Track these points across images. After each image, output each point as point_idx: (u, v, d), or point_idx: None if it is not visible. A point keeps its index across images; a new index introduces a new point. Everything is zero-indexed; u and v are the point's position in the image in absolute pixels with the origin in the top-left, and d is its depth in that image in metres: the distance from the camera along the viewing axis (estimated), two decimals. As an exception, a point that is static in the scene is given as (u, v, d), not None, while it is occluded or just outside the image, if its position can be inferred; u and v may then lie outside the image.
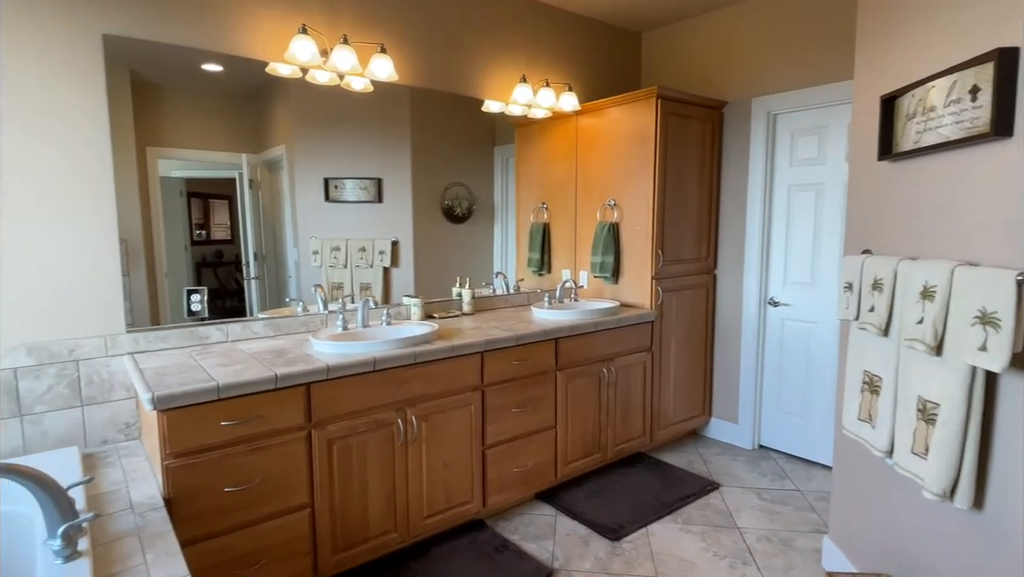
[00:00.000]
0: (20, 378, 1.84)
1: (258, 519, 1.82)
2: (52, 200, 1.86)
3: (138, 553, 1.36)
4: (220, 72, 2.17)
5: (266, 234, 2.37)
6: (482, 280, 3.06)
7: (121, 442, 2.02)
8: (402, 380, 2.11)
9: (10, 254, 1.81)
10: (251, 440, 1.79)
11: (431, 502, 2.25)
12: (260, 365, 1.89)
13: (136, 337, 2.04)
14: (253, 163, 2.29)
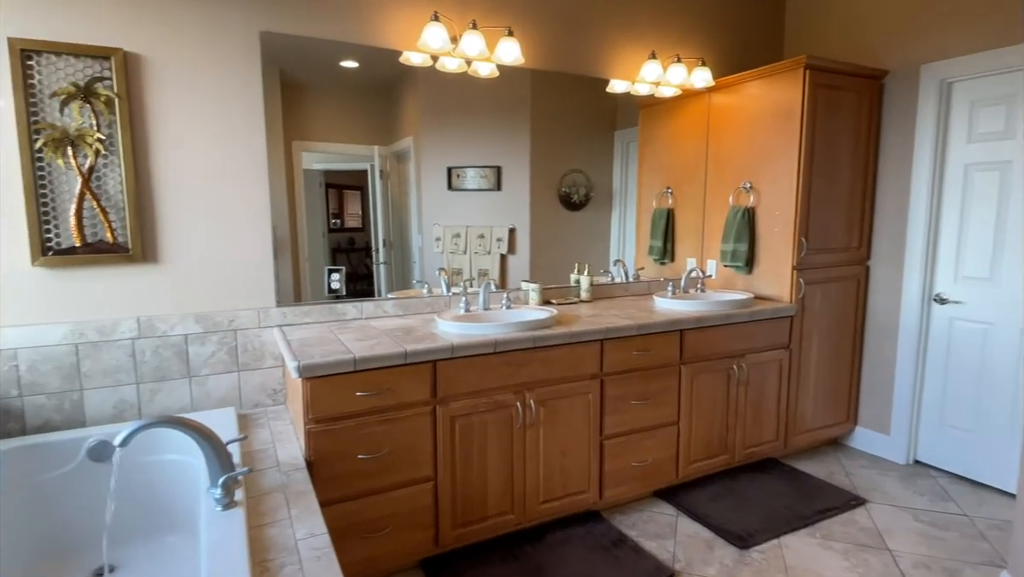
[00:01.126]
0: (189, 343, 2.07)
1: (386, 487, 1.90)
2: (216, 190, 2.07)
3: (283, 508, 1.47)
4: (356, 68, 2.29)
5: (394, 222, 2.47)
6: (599, 268, 2.97)
7: (270, 406, 2.22)
8: (521, 363, 2.10)
9: (184, 237, 2.04)
10: (382, 411, 1.87)
11: (547, 488, 2.23)
12: (391, 341, 1.98)
13: (284, 311, 2.22)
14: (383, 155, 2.40)
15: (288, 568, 1.22)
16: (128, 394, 1.99)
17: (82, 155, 1.86)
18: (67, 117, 1.83)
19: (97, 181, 1.89)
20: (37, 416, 1.88)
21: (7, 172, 1.78)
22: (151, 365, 2.02)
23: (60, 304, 1.88)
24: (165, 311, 2.03)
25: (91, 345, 1.93)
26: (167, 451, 1.92)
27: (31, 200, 1.80)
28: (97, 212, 1.89)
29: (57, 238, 1.86)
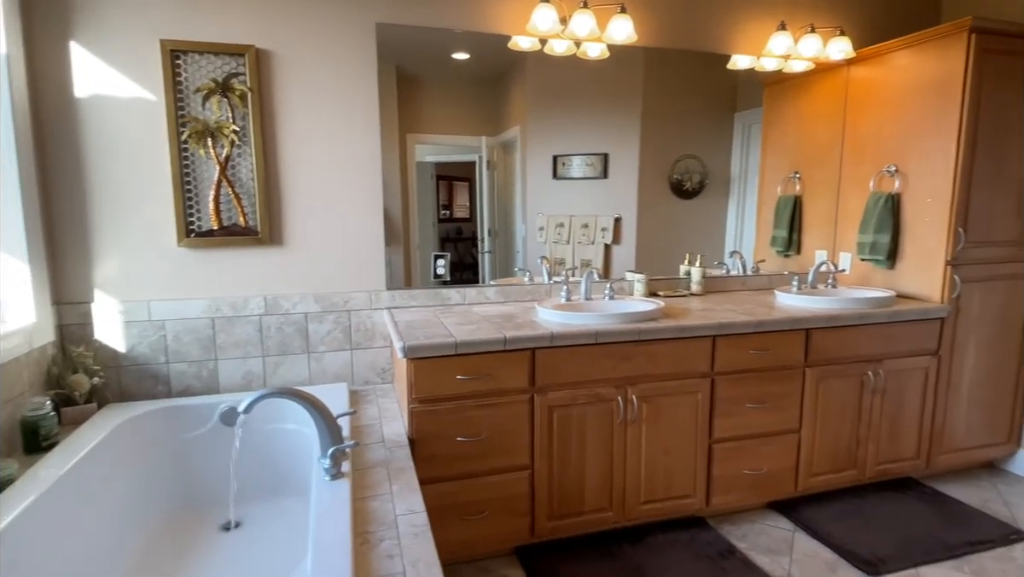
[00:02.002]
0: (309, 321, 2.21)
1: (483, 472, 1.91)
2: (334, 180, 2.18)
3: (386, 483, 1.51)
4: (467, 60, 2.31)
5: (499, 212, 2.47)
6: (712, 260, 2.78)
7: (378, 384, 2.31)
8: (624, 356, 2.01)
9: (305, 222, 2.17)
10: (481, 396, 1.87)
11: (649, 488, 2.12)
12: (491, 327, 1.97)
13: (393, 294, 2.30)
14: (491, 145, 2.40)
15: (387, 542, 1.25)
16: (255, 366, 2.17)
17: (220, 145, 2.03)
18: (207, 111, 2.01)
19: (232, 169, 2.06)
20: (180, 381, 2.10)
21: (159, 161, 1.98)
22: (275, 340, 2.18)
23: (200, 281, 2.08)
24: (288, 290, 2.18)
25: (225, 320, 2.12)
26: (287, 421, 2.07)
27: (178, 187, 2.00)
28: (232, 198, 2.06)
29: (198, 222, 2.05)
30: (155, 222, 2.01)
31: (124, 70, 1.92)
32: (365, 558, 1.19)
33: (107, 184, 1.95)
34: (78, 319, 1.98)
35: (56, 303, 1.95)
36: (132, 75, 1.93)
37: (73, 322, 1.98)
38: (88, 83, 1.90)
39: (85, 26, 1.87)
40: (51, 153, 1.90)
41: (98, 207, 1.96)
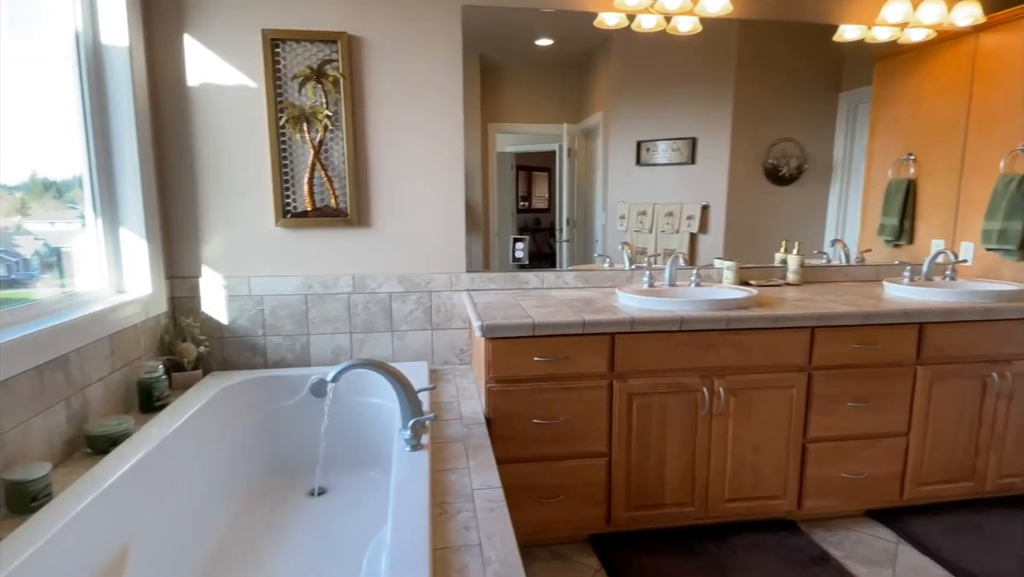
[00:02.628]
0: (393, 301, 2.27)
1: (559, 456, 1.88)
2: (419, 164, 2.22)
3: (463, 458, 1.52)
4: (550, 46, 2.27)
5: (578, 201, 2.43)
6: (810, 250, 2.58)
7: (456, 365, 2.34)
8: (710, 345, 1.91)
9: (390, 205, 2.23)
10: (558, 379, 1.85)
11: (734, 486, 2.01)
12: (570, 310, 1.94)
13: (472, 277, 2.32)
14: (572, 133, 2.36)
15: (463, 514, 1.25)
16: (343, 341, 2.26)
17: (314, 130, 2.12)
18: (303, 96, 2.10)
19: (325, 153, 2.15)
20: (275, 353, 2.23)
21: (260, 145, 2.10)
22: (362, 318, 2.26)
23: (294, 260, 2.19)
24: (374, 270, 2.25)
25: (317, 296, 2.22)
26: (372, 395, 2.14)
27: (276, 170, 2.11)
28: (324, 181, 2.15)
29: (293, 203, 2.16)
30: (255, 203, 2.14)
31: (230, 59, 2.05)
32: (443, 527, 1.20)
33: (213, 167, 2.10)
34: (187, 292, 2.15)
35: (169, 277, 2.12)
36: (237, 64, 2.05)
37: (183, 295, 2.15)
38: (198, 72, 2.04)
39: (197, 19, 2.01)
40: (166, 139, 2.06)
41: (205, 188, 2.11)
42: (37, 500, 1.25)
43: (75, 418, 1.56)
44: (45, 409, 1.44)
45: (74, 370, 1.56)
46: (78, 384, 1.58)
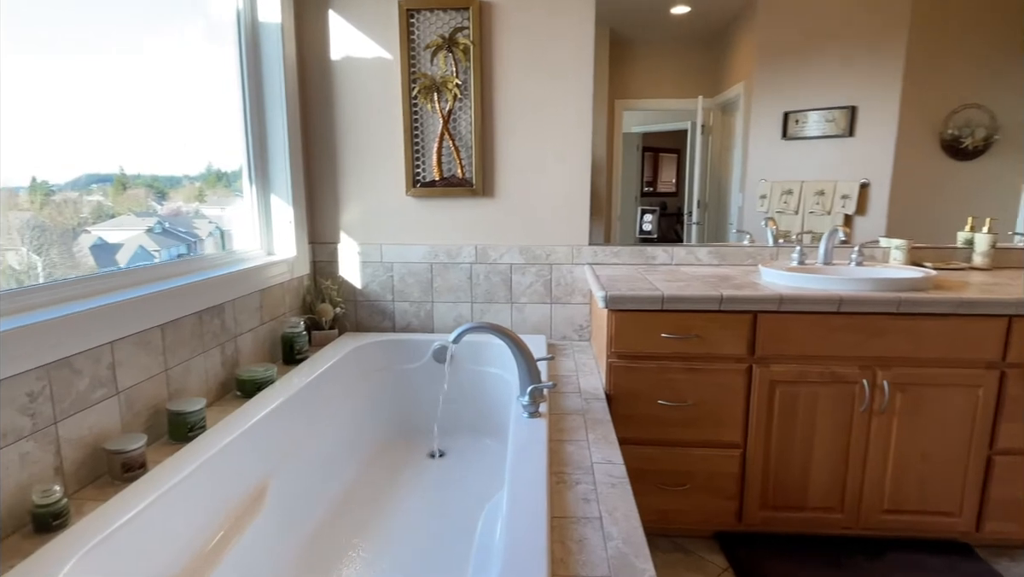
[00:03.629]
0: (513, 272, 2.25)
1: (687, 442, 1.74)
2: (544, 133, 2.16)
3: (581, 430, 1.45)
4: (686, 14, 2.09)
5: (711, 181, 2.23)
6: (1002, 233, 2.15)
7: (575, 341, 2.27)
8: (875, 331, 1.64)
9: (514, 175, 2.19)
10: (687, 359, 1.70)
11: (895, 496, 1.73)
12: (704, 285, 1.77)
13: (595, 250, 2.22)
14: (707, 107, 2.16)
15: (582, 485, 1.18)
16: (464, 310, 2.28)
17: (443, 100, 2.14)
18: (435, 66, 2.13)
19: (453, 123, 2.16)
20: (402, 319, 2.30)
21: (394, 116, 2.17)
22: (483, 288, 2.26)
23: (422, 228, 2.24)
24: (496, 241, 2.24)
25: (441, 265, 2.26)
26: (491, 364, 2.14)
27: (408, 140, 2.16)
28: (452, 150, 2.17)
29: (423, 173, 2.20)
30: (388, 173, 2.21)
31: (369, 32, 2.12)
32: (561, 496, 1.14)
33: (352, 139, 2.20)
34: (327, 257, 2.28)
35: (311, 242, 2.27)
36: (375, 36, 2.12)
37: (323, 259, 2.29)
38: (340, 46, 2.14)
39: (341, -5, 2.11)
40: (311, 112, 2.19)
41: (344, 160, 2.22)
42: (193, 430, 1.38)
43: (228, 363, 1.71)
44: (204, 351, 1.59)
45: (228, 319, 1.71)
46: (232, 332, 1.73)
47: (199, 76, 1.81)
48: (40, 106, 1.26)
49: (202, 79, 1.83)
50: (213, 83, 1.90)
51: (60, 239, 1.37)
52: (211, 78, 1.89)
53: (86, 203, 1.44)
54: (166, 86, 1.66)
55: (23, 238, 1.28)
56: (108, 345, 1.24)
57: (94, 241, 1.50)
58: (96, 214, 1.47)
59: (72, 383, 1.14)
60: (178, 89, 1.71)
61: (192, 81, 1.78)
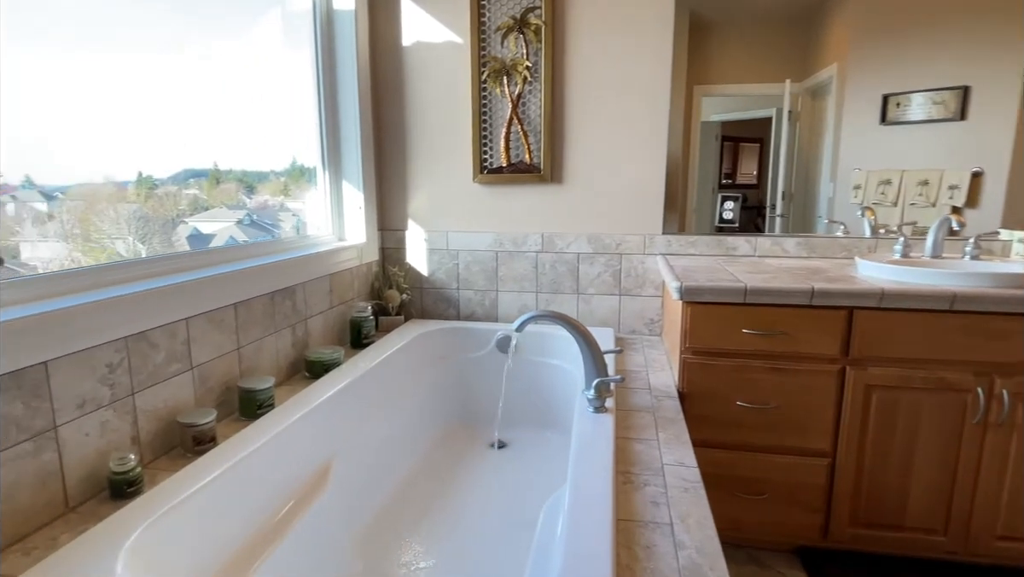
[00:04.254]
0: (580, 262, 2.17)
1: (767, 448, 1.60)
2: (617, 117, 2.06)
3: (651, 428, 1.36)
4: None
5: (798, 171, 2.05)
6: None
7: (644, 335, 2.16)
8: (994, 334, 1.44)
9: (584, 161, 2.11)
10: (771, 357, 1.56)
11: (1012, 520, 1.52)
12: (792, 277, 1.62)
13: (669, 239, 2.10)
14: (795, 92, 1.98)
15: (651, 488, 1.09)
16: (528, 300, 2.22)
17: (513, 83, 2.08)
18: (505, 49, 2.08)
19: (523, 107, 2.11)
20: (467, 307, 2.28)
21: (463, 101, 2.14)
22: (548, 278, 2.19)
23: (488, 216, 2.20)
24: (563, 229, 2.16)
25: (507, 254, 2.21)
26: (555, 356, 2.07)
27: (476, 125, 2.13)
28: (520, 135, 2.11)
29: (490, 159, 2.16)
30: (456, 159, 2.19)
31: (440, 16, 2.10)
32: (628, 497, 1.06)
33: (420, 126, 2.19)
34: (395, 243, 2.29)
35: (381, 228, 2.29)
36: (446, 21, 2.10)
37: (391, 246, 2.30)
38: (412, 32, 2.13)
39: (413, -21, 2.10)
40: (383, 99, 2.20)
41: (414, 147, 2.21)
42: (262, 408, 1.40)
43: (298, 344, 1.74)
44: (275, 332, 1.62)
45: (300, 301, 1.74)
46: (302, 314, 1.76)
47: (280, 70, 1.87)
48: (145, 106, 1.35)
49: (283, 73, 1.89)
50: (293, 76, 1.95)
51: (161, 229, 1.48)
52: (291, 71, 1.93)
53: (184, 196, 1.55)
54: (252, 82, 1.72)
55: (130, 228, 1.38)
56: (183, 321, 1.27)
57: (190, 231, 1.60)
58: (192, 206, 1.58)
59: (149, 356, 1.18)
60: (263, 85, 1.78)
61: (275, 76, 1.84)
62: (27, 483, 0.93)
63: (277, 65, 1.86)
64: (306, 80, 2.00)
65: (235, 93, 1.65)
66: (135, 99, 1.33)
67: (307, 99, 2.01)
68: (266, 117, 1.81)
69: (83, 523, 0.96)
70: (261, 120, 1.78)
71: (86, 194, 1.29)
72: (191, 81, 1.48)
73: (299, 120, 2.00)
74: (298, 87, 1.98)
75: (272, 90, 1.83)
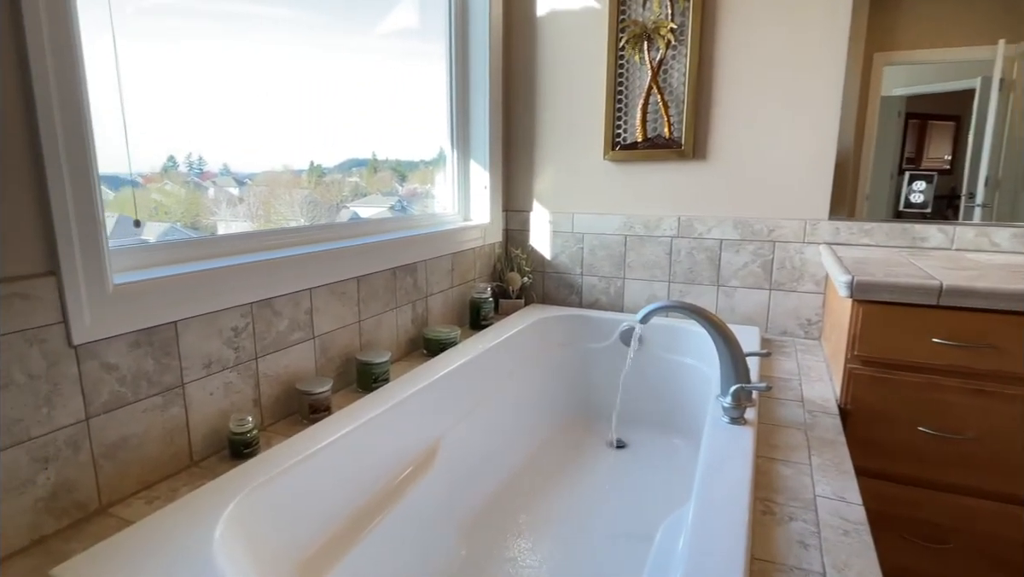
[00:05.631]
0: (723, 249, 1.92)
1: (957, 487, 1.28)
2: (777, 84, 1.77)
3: (802, 450, 1.13)
4: None
5: (1007, 152, 1.61)
6: None
7: (799, 338, 1.86)
8: None
9: (734, 134, 1.85)
10: (972, 376, 1.23)
11: None
12: (1008, 276, 1.27)
13: (836, 226, 1.78)
14: (1010, 55, 1.54)
15: (798, 523, 0.89)
16: (659, 290, 2.03)
17: (654, 48, 1.89)
18: (647, 11, 1.88)
19: (663, 75, 1.90)
20: (590, 294, 2.14)
21: (596, 72, 1.98)
22: (684, 266, 1.98)
23: (618, 196, 2.04)
24: (704, 212, 1.93)
25: (637, 238, 2.03)
26: (686, 354, 1.87)
27: (610, 97, 1.96)
28: (660, 106, 1.91)
29: (624, 133, 1.98)
30: (586, 135, 2.05)
31: (576, -20, 1.96)
32: (767, 532, 0.87)
33: (550, 100, 2.08)
34: (519, 225, 2.22)
35: (505, 209, 2.22)
36: (583, -16, 1.96)
37: (515, 227, 2.23)
38: (547, 1, 2.02)
39: (550, -56, 1.98)
40: (514, 73, 2.12)
41: (542, 123, 2.11)
42: (377, 381, 1.40)
43: (418, 320, 1.74)
44: (396, 307, 1.63)
45: (421, 279, 1.73)
46: (423, 292, 1.75)
47: (421, 58, 1.90)
48: (317, 102, 1.50)
49: (423, 60, 1.90)
50: (432, 63, 1.95)
51: (327, 212, 1.60)
52: (430, 57, 1.94)
53: (347, 183, 1.68)
54: (399, 74, 1.79)
55: (302, 211, 1.52)
56: (307, 291, 1.30)
57: (350, 215, 1.71)
58: (353, 192, 1.71)
59: (272, 323, 1.21)
60: (409, 75, 1.84)
61: (417, 64, 1.88)
62: (155, 435, 0.99)
63: (417, 53, 1.88)
64: (442, 63, 1.99)
65: (388, 86, 1.74)
66: (307, 95, 1.46)
67: (441, 80, 1.99)
68: (416, 108, 1.89)
69: (203, 478, 1.00)
70: (412, 111, 1.87)
71: (269, 180, 1.45)
72: (351, 77, 1.60)
73: (443, 108, 2.01)
74: (437, 72, 1.97)
75: (418, 79, 1.88)
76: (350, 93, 1.60)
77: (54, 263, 0.82)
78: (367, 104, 1.67)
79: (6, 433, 0.78)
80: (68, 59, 0.81)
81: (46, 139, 0.79)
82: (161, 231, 1.25)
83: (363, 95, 1.65)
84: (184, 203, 1.27)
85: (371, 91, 1.68)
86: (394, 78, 1.76)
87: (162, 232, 1.24)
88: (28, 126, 0.78)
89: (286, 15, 1.39)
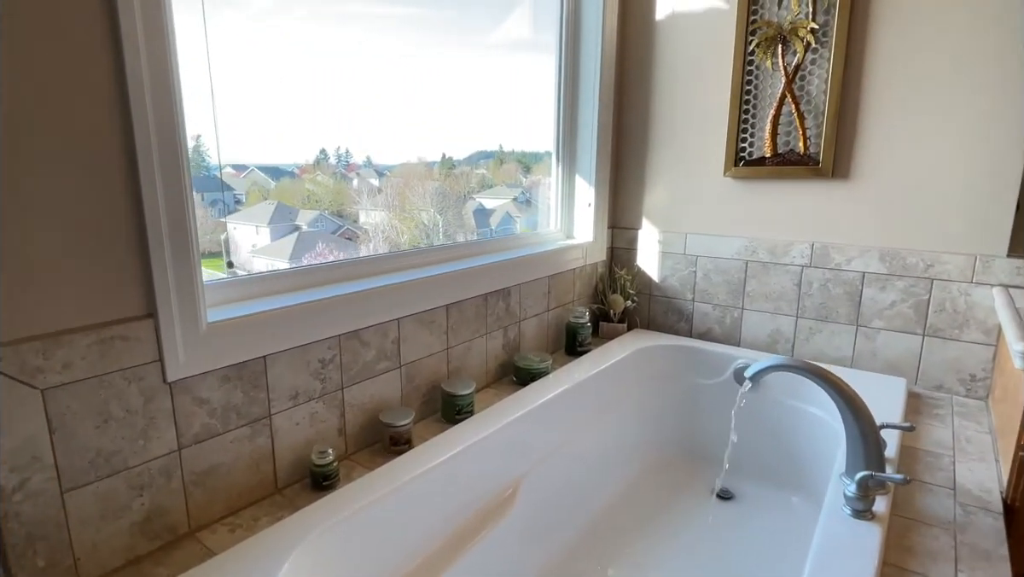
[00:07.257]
0: (865, 284, 1.65)
1: None
2: (942, 101, 1.46)
3: (947, 561, 0.91)
4: None
5: None
6: None
7: (958, 396, 1.55)
8: None
9: (884, 149, 1.56)
10: None
11: None
12: None
13: (1018, 265, 1.44)
14: None
15: None
16: (784, 325, 1.79)
17: (791, 52, 1.65)
18: (783, 10, 1.65)
19: (800, 82, 1.66)
20: (702, 323, 1.95)
21: (720, 79, 1.78)
22: (815, 300, 1.73)
23: (739, 217, 1.83)
24: (843, 240, 1.67)
25: (760, 265, 1.81)
26: (812, 403, 1.64)
27: (735, 107, 1.76)
28: (794, 118, 1.68)
29: (750, 147, 1.77)
30: (705, 149, 1.86)
31: (701, -21, 1.78)
32: None
33: (667, 110, 1.91)
34: (625, 244, 2.09)
35: (611, 227, 2.10)
36: (708, -17, 1.77)
37: (621, 246, 2.10)
38: (668, 1, 1.85)
39: (674, -59, 1.81)
40: (627, 81, 1.98)
41: (656, 135, 1.95)
42: (461, 413, 1.38)
43: (509, 346, 1.69)
44: (486, 333, 1.59)
45: (514, 303, 1.68)
46: (516, 316, 1.70)
47: (535, 51, 1.87)
48: (448, 95, 1.58)
49: (537, 54, 1.87)
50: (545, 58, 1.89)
51: (455, 203, 1.67)
52: (543, 51, 1.88)
53: (474, 175, 1.74)
54: (518, 68, 1.82)
55: (432, 201, 1.60)
56: (395, 321, 1.30)
57: (476, 206, 1.77)
58: (480, 184, 1.76)
59: (359, 353, 1.23)
60: (527, 69, 1.85)
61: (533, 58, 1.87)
62: (242, 464, 1.04)
63: (532, 46, 1.85)
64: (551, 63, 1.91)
65: (510, 80, 1.78)
66: (440, 91, 1.55)
67: (550, 84, 1.92)
68: (536, 100, 1.90)
69: (284, 508, 1.04)
70: (533, 103, 1.89)
71: (405, 172, 1.55)
72: (478, 71, 1.65)
73: (550, 121, 1.97)
74: (548, 69, 1.92)
75: (535, 72, 1.88)
76: (476, 86, 1.64)
77: (152, 306, 0.87)
78: (492, 97, 1.71)
79: (105, 464, 0.85)
80: (167, 96, 0.85)
81: (145, 187, 0.84)
82: (310, 218, 1.40)
83: (488, 88, 1.68)
84: (332, 192, 1.40)
85: (495, 84, 1.71)
86: (513, 73, 1.78)
87: (311, 219, 1.39)
88: (130, 177, 0.84)
89: (415, 14, 1.46)
